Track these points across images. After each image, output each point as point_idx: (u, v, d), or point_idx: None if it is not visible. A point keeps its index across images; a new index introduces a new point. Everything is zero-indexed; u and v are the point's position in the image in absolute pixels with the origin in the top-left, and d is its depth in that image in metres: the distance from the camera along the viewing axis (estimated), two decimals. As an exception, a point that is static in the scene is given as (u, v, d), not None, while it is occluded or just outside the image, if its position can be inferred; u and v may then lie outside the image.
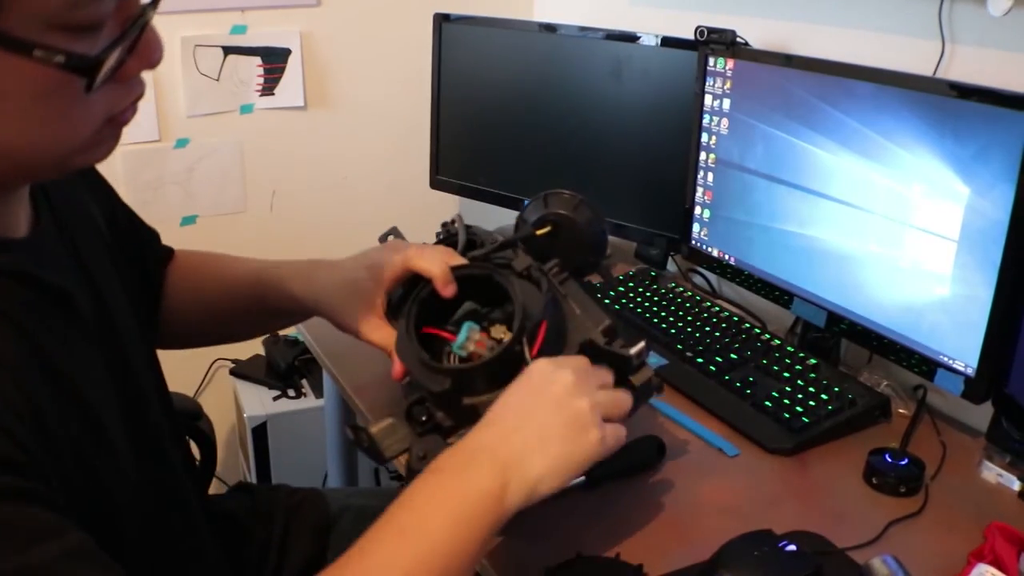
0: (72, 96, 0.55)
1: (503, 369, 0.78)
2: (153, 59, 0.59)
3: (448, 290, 0.86)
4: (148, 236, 0.96)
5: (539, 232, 0.98)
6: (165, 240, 1.02)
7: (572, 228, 1.00)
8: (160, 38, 0.60)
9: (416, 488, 0.67)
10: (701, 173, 1.35)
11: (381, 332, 0.90)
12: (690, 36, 1.32)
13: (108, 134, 0.61)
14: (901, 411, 1.13)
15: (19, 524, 0.50)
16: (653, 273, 1.49)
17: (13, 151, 0.55)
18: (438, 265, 0.87)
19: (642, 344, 0.82)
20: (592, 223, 1.00)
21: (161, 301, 0.97)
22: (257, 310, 0.99)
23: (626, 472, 0.96)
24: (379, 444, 0.80)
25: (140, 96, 0.62)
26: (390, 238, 1.01)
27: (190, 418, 1.41)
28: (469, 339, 0.82)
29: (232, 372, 1.95)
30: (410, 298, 0.87)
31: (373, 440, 0.80)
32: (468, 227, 1.01)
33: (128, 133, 0.63)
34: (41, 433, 0.56)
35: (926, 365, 1.04)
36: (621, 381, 0.83)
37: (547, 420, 0.71)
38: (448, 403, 0.81)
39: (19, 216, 0.64)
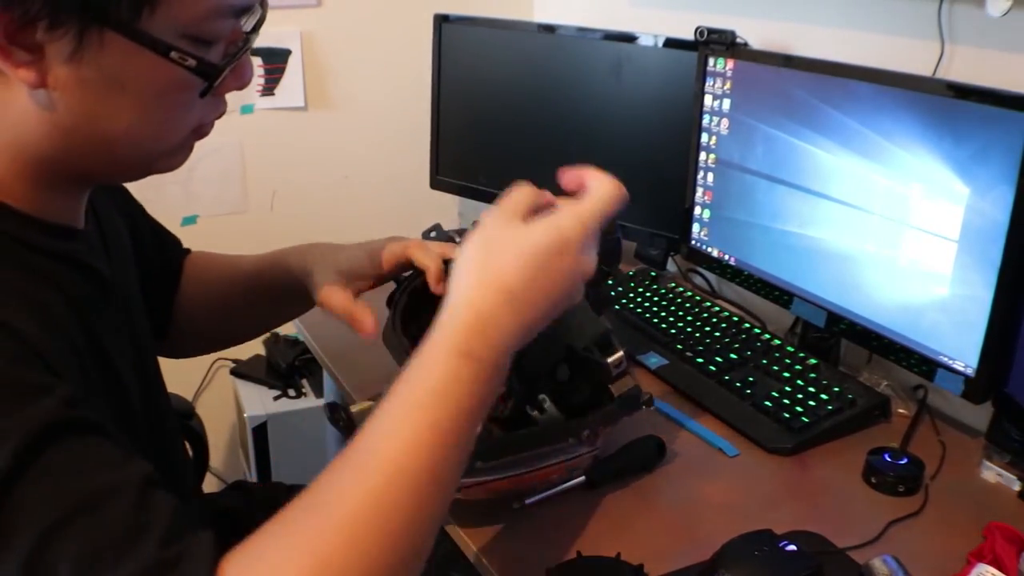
0: (184, 99, 0.62)
1: None
2: (245, 80, 0.66)
3: (440, 287, 0.86)
4: (172, 244, 1.03)
5: None
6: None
7: None
8: (252, 63, 0.67)
9: (440, 371, 0.61)
10: (701, 173, 1.35)
11: (337, 297, 0.90)
12: (690, 36, 1.32)
13: (188, 143, 0.67)
14: (901, 411, 1.13)
15: (102, 450, 0.54)
16: (653, 273, 1.49)
17: (116, 143, 0.61)
18: (433, 259, 0.87)
19: (620, 354, 0.82)
20: (607, 231, 1.00)
21: (175, 298, 1.00)
22: (265, 297, 1.01)
23: (626, 472, 0.96)
24: (358, 425, 0.80)
25: (223, 114, 0.68)
26: (432, 235, 1.03)
27: (183, 417, 1.43)
28: None
29: (232, 372, 1.96)
30: (400, 288, 0.87)
31: (352, 420, 0.80)
32: (447, 233, 1.03)
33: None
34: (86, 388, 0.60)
35: (926, 365, 1.04)
36: (601, 390, 0.82)
37: (554, 303, 0.67)
38: None
39: (81, 211, 0.70)
